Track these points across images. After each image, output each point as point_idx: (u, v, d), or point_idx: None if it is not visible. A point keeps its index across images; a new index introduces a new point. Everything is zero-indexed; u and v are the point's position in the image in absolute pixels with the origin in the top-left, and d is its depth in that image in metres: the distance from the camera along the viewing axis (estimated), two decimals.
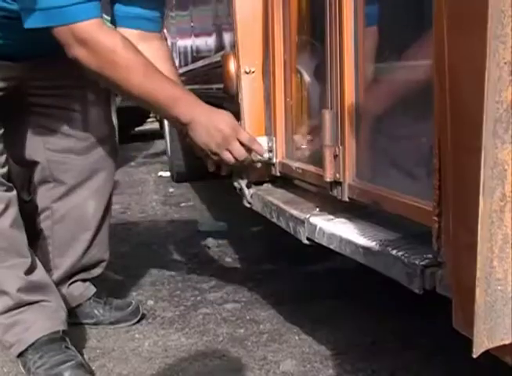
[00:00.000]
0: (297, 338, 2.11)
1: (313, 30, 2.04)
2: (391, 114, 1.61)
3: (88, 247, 2.26)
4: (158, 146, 8.44)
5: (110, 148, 2.26)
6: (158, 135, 8.12)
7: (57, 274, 2.22)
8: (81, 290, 2.32)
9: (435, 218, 1.22)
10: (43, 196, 2.22)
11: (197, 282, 2.75)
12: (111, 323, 2.31)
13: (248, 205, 2.19)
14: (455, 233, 1.13)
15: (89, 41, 1.79)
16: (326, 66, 1.75)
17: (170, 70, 2.02)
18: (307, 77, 2.07)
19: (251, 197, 2.16)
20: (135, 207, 4.54)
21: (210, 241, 3.33)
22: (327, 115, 1.71)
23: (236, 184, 2.15)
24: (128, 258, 3.16)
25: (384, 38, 1.65)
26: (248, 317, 2.32)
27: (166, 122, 5.58)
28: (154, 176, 6.01)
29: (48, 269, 2.19)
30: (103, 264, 2.34)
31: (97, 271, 2.33)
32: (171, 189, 5.16)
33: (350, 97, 1.65)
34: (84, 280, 2.33)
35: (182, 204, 4.52)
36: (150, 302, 2.52)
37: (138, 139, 9.37)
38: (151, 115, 9.26)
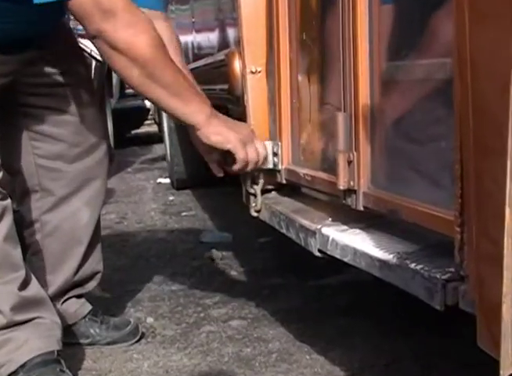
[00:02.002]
0: (308, 357, 2.11)
1: (322, 27, 2.04)
2: (408, 117, 1.61)
3: (82, 260, 2.26)
4: (157, 150, 8.44)
5: (104, 154, 2.27)
6: (157, 138, 8.13)
7: (50, 291, 2.21)
8: (75, 307, 2.32)
9: (457, 229, 1.23)
10: (31, 207, 2.22)
11: (200, 297, 2.75)
12: (108, 344, 2.31)
13: (255, 215, 2.20)
14: (478, 244, 1.14)
15: (119, 13, 1.75)
16: (338, 64, 1.75)
17: (175, 54, 2.03)
18: (314, 78, 2.07)
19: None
20: (132, 216, 4.54)
21: (213, 253, 3.33)
22: (340, 118, 1.71)
23: (250, 190, 2.15)
24: (124, 271, 3.17)
25: (402, 36, 1.65)
26: (255, 335, 2.32)
27: (165, 125, 5.60)
28: (153, 183, 6.01)
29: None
30: (98, 276, 2.35)
31: (92, 284, 2.34)
32: (170, 198, 5.16)
33: (365, 98, 1.66)
34: (78, 297, 2.33)
35: (183, 214, 4.53)
36: (150, 319, 2.53)
37: (135, 142, 9.37)
38: (149, 117, 9.28)
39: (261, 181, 2.14)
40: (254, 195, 2.17)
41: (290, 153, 2.12)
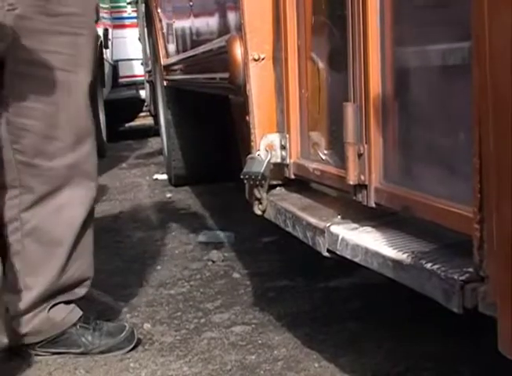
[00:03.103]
0: (316, 365, 2.12)
1: (332, 10, 2.04)
2: (423, 107, 1.61)
3: (65, 263, 2.24)
4: (153, 144, 8.46)
5: (90, 150, 2.26)
6: (153, 131, 8.14)
7: (30, 296, 2.21)
8: (63, 314, 2.30)
9: (476, 226, 1.23)
10: (10, 203, 2.22)
11: (201, 302, 2.76)
12: (102, 352, 2.30)
13: (259, 213, 2.20)
14: (500, 242, 1.14)
15: None
16: (347, 51, 1.75)
17: None
18: (325, 65, 2.07)
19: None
20: (126, 215, 4.55)
21: (214, 254, 3.34)
22: (350, 109, 1.72)
23: (256, 194, 2.16)
24: (119, 274, 3.17)
25: (415, 20, 1.65)
26: (260, 342, 2.32)
27: (162, 117, 5.61)
28: (149, 179, 6.02)
29: (19, 290, 2.20)
30: (87, 283, 2.33)
31: (81, 291, 2.32)
32: (168, 195, 5.17)
33: (376, 87, 1.66)
34: (67, 303, 2.32)
35: (182, 212, 4.54)
36: (147, 326, 2.53)
37: (130, 136, 9.40)
38: (144, 109, 9.29)
39: (267, 183, 2.15)
40: (259, 199, 2.18)
41: (299, 147, 2.12)
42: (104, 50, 7.87)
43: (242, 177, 2.21)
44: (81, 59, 2.22)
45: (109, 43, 8.52)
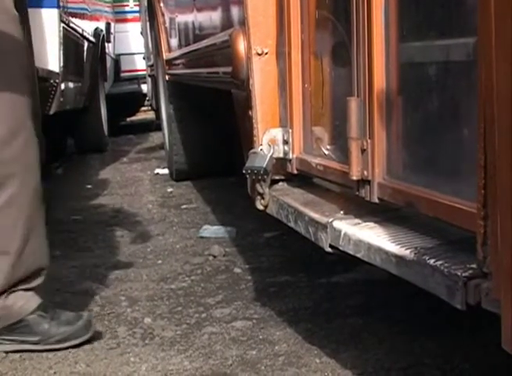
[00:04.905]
0: (317, 360, 2.11)
1: (335, 4, 2.04)
2: (427, 102, 1.61)
3: (18, 256, 2.22)
4: (154, 139, 8.47)
5: (24, 145, 2.18)
6: (154, 126, 8.15)
7: None
8: (21, 302, 2.27)
9: (480, 222, 1.23)
10: None
11: (202, 296, 2.75)
12: (58, 342, 2.27)
13: (261, 208, 2.20)
14: (504, 238, 1.13)
15: None
16: (351, 45, 1.75)
17: None
18: (328, 60, 2.07)
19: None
20: (127, 210, 4.55)
21: (215, 249, 3.34)
22: (353, 103, 1.71)
23: (258, 189, 2.15)
24: (120, 268, 3.17)
25: (420, 14, 1.65)
26: (261, 337, 2.32)
27: (164, 112, 5.61)
28: (150, 174, 6.03)
29: None
30: (44, 272, 2.30)
31: (37, 281, 2.29)
32: (169, 189, 5.17)
33: (380, 82, 1.66)
34: (25, 290, 2.28)
35: (183, 207, 4.53)
36: (148, 320, 2.53)
37: (131, 130, 9.40)
38: (146, 103, 9.30)
39: (269, 178, 2.15)
40: (262, 194, 2.17)
41: (302, 141, 2.12)
42: (106, 44, 7.88)
43: (244, 172, 2.20)
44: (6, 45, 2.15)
45: (112, 37, 8.53)
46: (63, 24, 4.60)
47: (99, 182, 5.71)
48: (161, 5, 5.21)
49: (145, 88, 8.35)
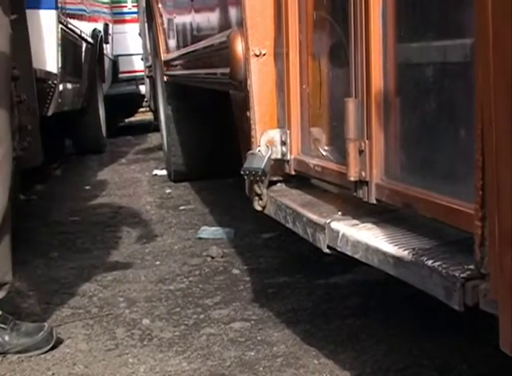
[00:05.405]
0: (316, 362, 2.11)
1: (333, 5, 2.04)
2: (425, 102, 1.61)
3: None
4: (152, 140, 8.46)
5: (6, 157, 2.17)
6: (152, 127, 8.14)
7: None
8: None
9: (478, 223, 1.23)
10: None
11: (200, 297, 2.75)
12: (19, 352, 2.27)
13: (259, 209, 2.20)
14: (502, 239, 1.13)
15: None
16: (349, 46, 1.75)
17: None
18: (326, 61, 2.07)
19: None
20: (126, 211, 4.55)
21: (214, 250, 3.34)
22: (351, 104, 1.71)
23: (256, 190, 2.15)
24: (118, 270, 3.17)
25: (418, 15, 1.65)
26: (259, 338, 2.32)
27: (162, 113, 5.60)
28: (148, 175, 6.02)
29: None
30: (6, 286, 2.29)
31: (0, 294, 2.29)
32: (167, 190, 5.17)
33: (377, 83, 1.66)
34: None
35: (181, 208, 4.53)
36: (146, 321, 2.53)
37: (129, 131, 9.39)
38: (144, 104, 9.29)
39: (267, 179, 2.15)
40: (260, 195, 2.17)
41: (300, 142, 2.12)
42: (104, 45, 7.87)
43: (242, 173, 2.20)
44: None
45: (110, 38, 8.52)
46: (61, 25, 4.60)
47: (98, 183, 5.71)
48: (159, 6, 5.20)
49: (143, 89, 8.35)
